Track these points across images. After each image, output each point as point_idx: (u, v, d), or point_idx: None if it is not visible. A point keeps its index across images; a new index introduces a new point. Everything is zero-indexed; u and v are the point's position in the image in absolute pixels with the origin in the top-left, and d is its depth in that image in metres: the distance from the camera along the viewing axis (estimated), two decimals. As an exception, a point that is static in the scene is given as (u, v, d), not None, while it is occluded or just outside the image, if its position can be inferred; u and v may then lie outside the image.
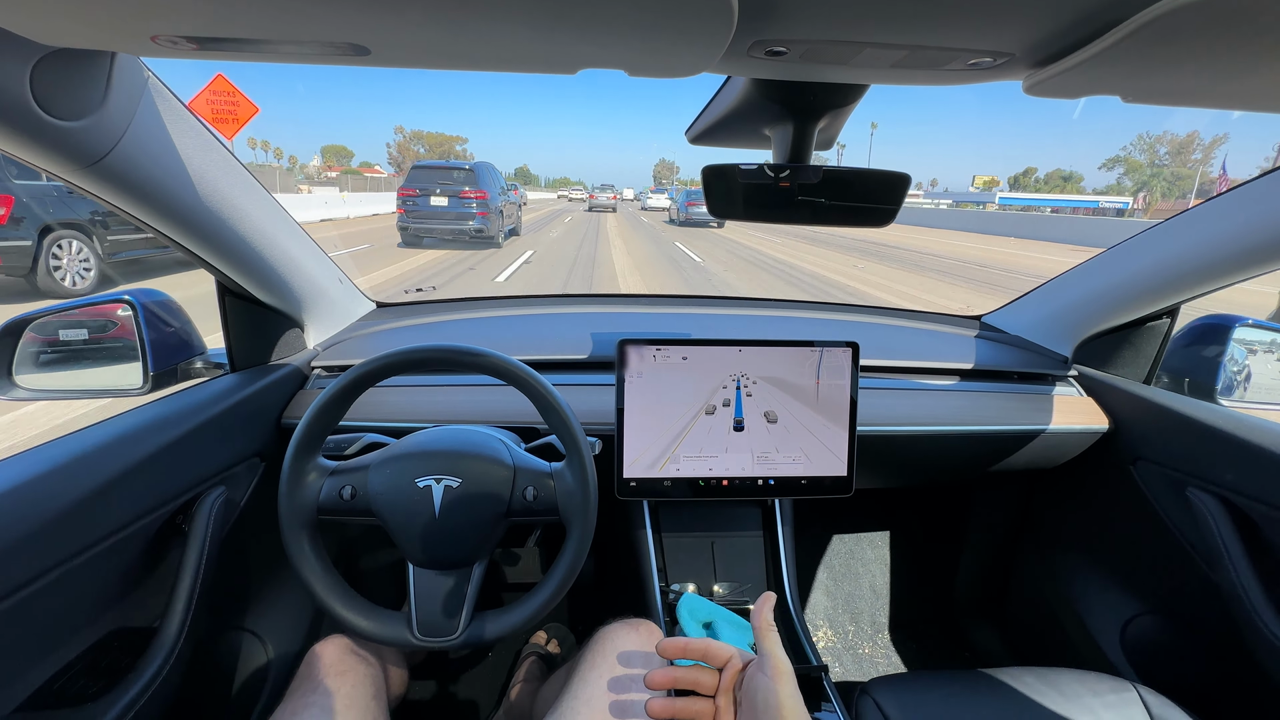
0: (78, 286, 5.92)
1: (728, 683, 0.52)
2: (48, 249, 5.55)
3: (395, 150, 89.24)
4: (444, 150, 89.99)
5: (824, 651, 1.53)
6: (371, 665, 0.82)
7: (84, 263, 6.01)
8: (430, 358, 0.72)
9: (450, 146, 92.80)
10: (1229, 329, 1.03)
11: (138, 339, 0.87)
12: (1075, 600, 1.17)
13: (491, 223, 10.74)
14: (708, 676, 0.53)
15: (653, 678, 0.53)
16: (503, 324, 1.25)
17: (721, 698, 0.52)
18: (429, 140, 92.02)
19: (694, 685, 0.53)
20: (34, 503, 0.59)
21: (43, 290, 5.56)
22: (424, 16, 0.35)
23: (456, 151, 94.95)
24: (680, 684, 0.53)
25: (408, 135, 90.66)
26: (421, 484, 0.73)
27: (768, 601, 0.54)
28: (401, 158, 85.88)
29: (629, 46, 0.40)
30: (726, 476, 0.96)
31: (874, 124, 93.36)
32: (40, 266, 5.51)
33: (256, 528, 0.93)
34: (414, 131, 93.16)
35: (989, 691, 0.83)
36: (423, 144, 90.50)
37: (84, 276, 6.03)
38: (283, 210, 0.89)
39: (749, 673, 0.51)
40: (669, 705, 0.52)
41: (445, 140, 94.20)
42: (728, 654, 0.53)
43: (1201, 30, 0.33)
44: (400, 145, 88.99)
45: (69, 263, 5.83)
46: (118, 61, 0.56)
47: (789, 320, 1.32)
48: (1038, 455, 1.14)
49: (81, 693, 0.66)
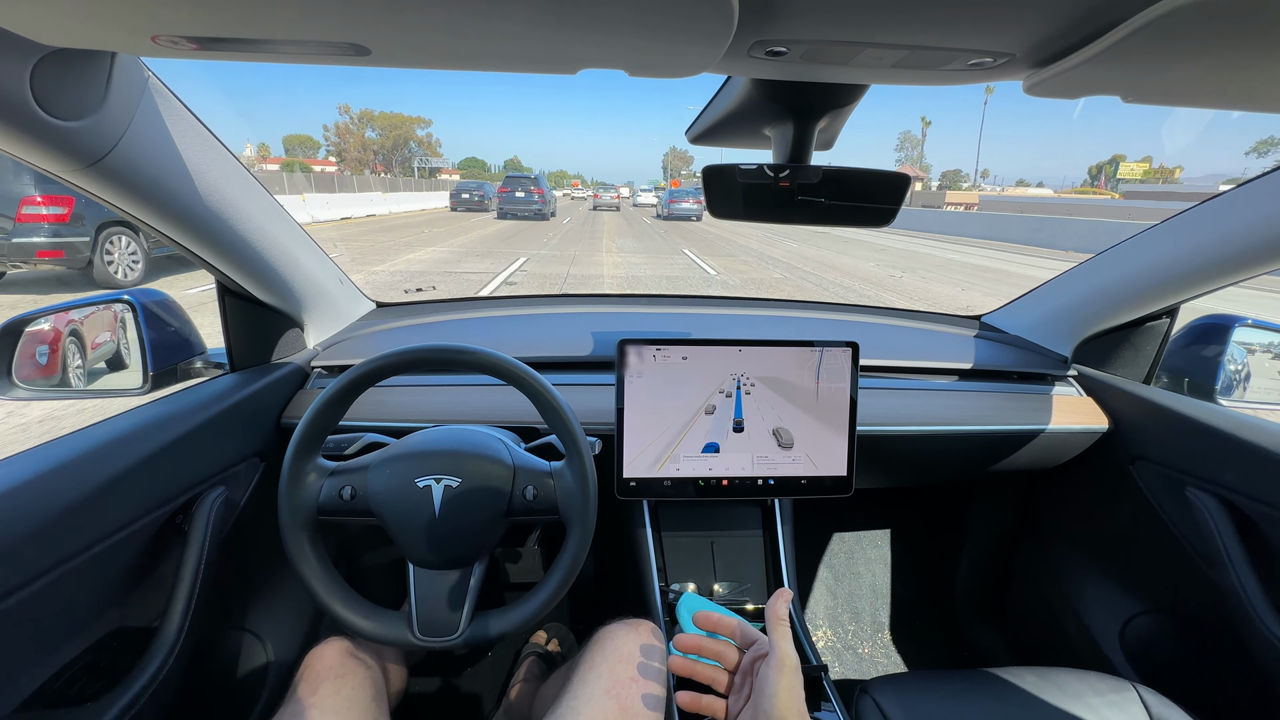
0: (127, 278, 6.40)
1: (748, 663, 0.57)
2: (102, 244, 6.06)
3: (334, 134, 69.67)
4: (401, 133, 70.37)
5: (824, 651, 1.53)
6: (371, 666, 0.82)
7: (132, 256, 6.50)
8: (430, 357, 0.72)
9: (409, 129, 71.83)
10: (1229, 329, 1.03)
11: (137, 339, 0.87)
12: (1075, 600, 1.17)
13: (546, 206, 21.12)
14: (731, 651, 0.59)
15: (681, 639, 0.59)
16: (503, 324, 1.25)
17: (740, 676, 0.57)
18: (383, 122, 71.84)
19: (718, 656, 0.59)
20: (34, 502, 0.59)
21: (99, 281, 6.08)
22: (424, 17, 0.35)
23: (417, 136, 72.48)
24: (705, 651, 0.59)
25: (355, 116, 70.16)
26: (421, 484, 0.73)
27: (783, 596, 0.56)
28: (344, 143, 68.35)
29: (629, 47, 0.40)
30: (726, 476, 0.96)
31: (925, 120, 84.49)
32: (97, 260, 6.01)
33: (256, 528, 0.93)
34: (364, 111, 71.31)
35: (989, 691, 0.83)
36: (375, 126, 71.48)
37: (133, 269, 6.51)
38: (283, 210, 0.89)
39: (761, 662, 0.54)
40: (690, 665, 0.58)
41: (404, 122, 72.03)
42: (755, 637, 0.58)
43: (1202, 30, 0.33)
44: (343, 128, 69.40)
45: (120, 256, 6.32)
46: (118, 61, 0.56)
47: (789, 320, 1.32)
48: (1037, 455, 1.14)
49: (81, 693, 0.66)
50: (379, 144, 70.08)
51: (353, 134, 69.20)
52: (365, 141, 69.34)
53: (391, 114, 73.25)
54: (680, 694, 0.57)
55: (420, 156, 71.86)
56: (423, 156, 71.95)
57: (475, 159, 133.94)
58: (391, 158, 68.46)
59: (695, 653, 0.59)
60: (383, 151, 69.87)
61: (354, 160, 65.78)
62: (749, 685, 0.55)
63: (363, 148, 66.69)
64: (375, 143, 70.39)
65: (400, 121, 71.99)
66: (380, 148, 70.32)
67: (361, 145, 66.57)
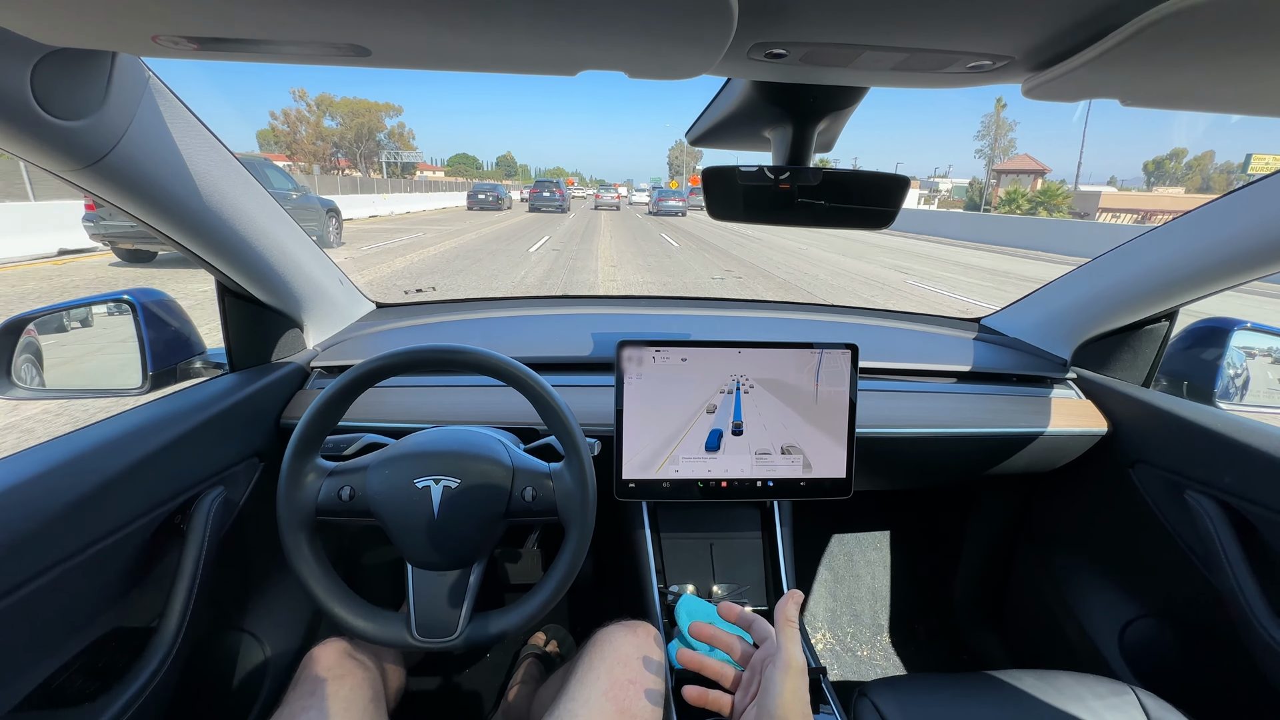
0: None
1: (759, 661, 0.57)
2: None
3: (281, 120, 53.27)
4: (364, 121, 56.34)
5: (822, 653, 1.53)
6: (369, 667, 0.82)
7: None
8: (430, 358, 0.72)
9: (375, 116, 58.05)
10: (1228, 332, 1.03)
11: (137, 339, 0.87)
12: (1074, 603, 1.17)
13: (565, 202, 28.76)
14: (742, 645, 0.60)
15: (696, 627, 0.61)
16: (502, 324, 1.25)
17: (749, 673, 0.58)
18: (345, 108, 57.27)
19: (728, 648, 0.61)
20: (32, 502, 0.59)
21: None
22: (425, 18, 0.36)
23: (383, 124, 58.38)
24: (716, 642, 0.61)
25: (312, 102, 54.67)
26: (420, 484, 0.73)
27: (793, 598, 0.57)
28: (293, 134, 52.56)
29: (629, 49, 0.40)
30: (726, 478, 0.96)
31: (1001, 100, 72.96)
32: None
33: (255, 528, 0.93)
34: (322, 96, 55.71)
35: (987, 694, 0.83)
36: (336, 114, 56.68)
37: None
38: (282, 211, 0.89)
39: (768, 662, 0.55)
40: (700, 660, 0.59)
41: (371, 109, 57.99)
42: (768, 634, 0.59)
43: (1201, 33, 0.33)
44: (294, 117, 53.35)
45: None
46: (118, 61, 0.56)
47: (789, 322, 1.32)
48: (1037, 458, 1.14)
49: (79, 693, 0.65)
50: (338, 134, 56.26)
51: (306, 121, 54.15)
52: (323, 131, 54.91)
53: (355, 100, 58.93)
54: (688, 689, 0.58)
55: (391, 150, 59.74)
56: (393, 149, 60.42)
57: (466, 155, 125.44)
58: (355, 150, 56.50)
59: (708, 642, 0.61)
60: (344, 144, 56.49)
61: (307, 154, 53.06)
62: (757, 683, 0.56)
63: (319, 138, 54.42)
64: (334, 133, 56.19)
65: (367, 108, 58.08)
66: (341, 139, 56.52)
67: (318, 135, 53.70)
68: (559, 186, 28.57)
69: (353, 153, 55.70)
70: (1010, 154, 54.75)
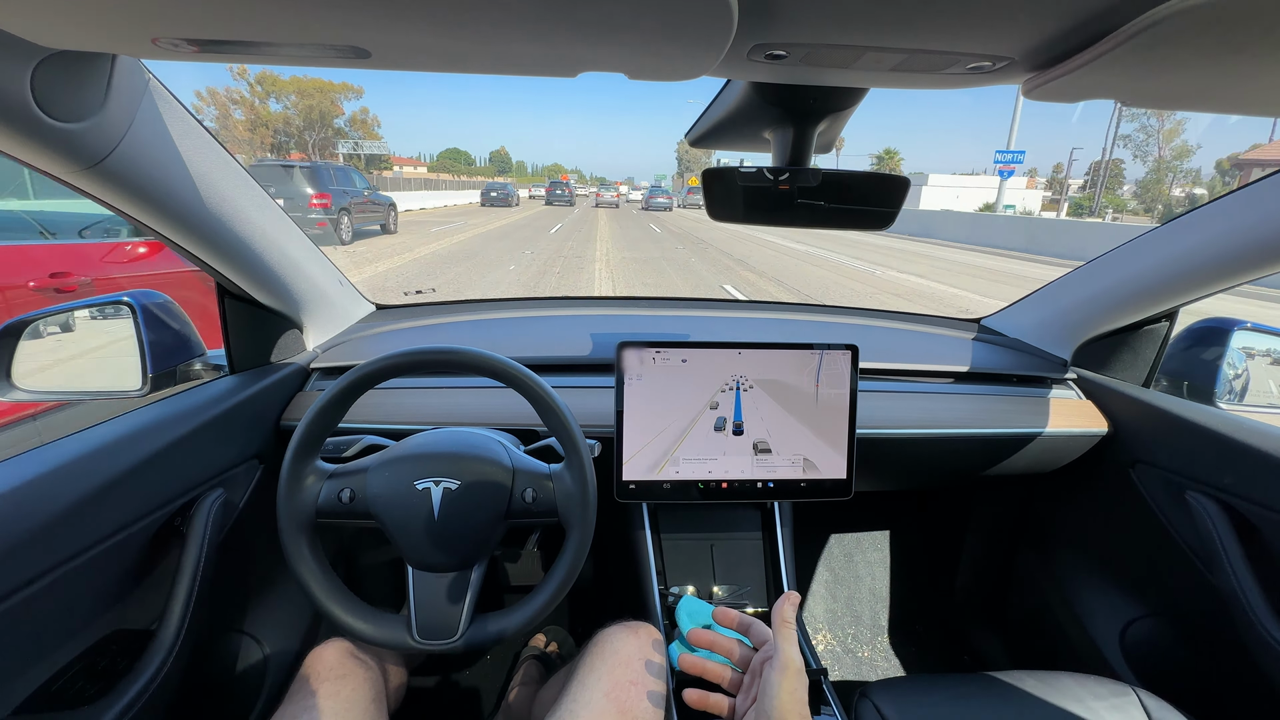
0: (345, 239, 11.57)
1: (758, 663, 0.57)
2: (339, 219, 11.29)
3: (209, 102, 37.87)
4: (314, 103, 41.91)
5: (823, 654, 1.53)
6: (370, 669, 0.82)
7: (346, 230, 11.60)
8: (430, 359, 0.72)
9: (330, 97, 44.15)
10: (1228, 332, 1.03)
11: (136, 340, 0.87)
12: (1075, 603, 1.17)
13: (572, 198, 42.82)
14: (741, 647, 0.61)
15: (694, 634, 0.62)
16: (502, 326, 1.25)
17: (749, 676, 0.58)
18: (296, 88, 43.23)
19: (727, 653, 0.61)
20: (32, 504, 0.59)
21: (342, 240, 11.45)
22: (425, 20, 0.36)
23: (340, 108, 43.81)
24: (716, 648, 0.61)
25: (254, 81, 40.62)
26: (420, 486, 0.73)
27: (790, 599, 0.57)
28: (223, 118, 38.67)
29: (629, 50, 0.40)
30: (726, 479, 0.96)
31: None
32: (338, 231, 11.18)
33: (255, 530, 0.92)
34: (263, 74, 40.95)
35: (988, 695, 0.83)
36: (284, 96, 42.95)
37: (346, 239, 11.58)
38: (282, 212, 0.89)
39: (767, 664, 0.55)
40: (701, 663, 0.60)
41: (326, 89, 44.28)
42: (767, 636, 0.59)
43: (1201, 34, 0.33)
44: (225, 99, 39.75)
45: (343, 230, 11.46)
46: (118, 63, 0.56)
47: (788, 323, 1.32)
48: (1037, 458, 1.14)
49: (78, 695, 0.65)
50: (282, 119, 43.30)
51: (243, 104, 41.33)
52: (264, 116, 42.22)
53: (309, 79, 44.73)
54: (688, 691, 0.58)
55: (353, 139, 47.36)
56: (356, 139, 48.10)
57: (456, 150, 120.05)
58: (306, 140, 43.22)
59: (707, 648, 0.61)
60: (293, 130, 43.36)
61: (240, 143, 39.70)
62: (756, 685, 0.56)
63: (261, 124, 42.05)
64: (279, 118, 43.21)
65: (322, 88, 44.59)
66: (288, 125, 43.34)
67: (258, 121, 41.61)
68: (568, 186, 42.53)
69: (303, 142, 43.56)
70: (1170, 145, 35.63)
